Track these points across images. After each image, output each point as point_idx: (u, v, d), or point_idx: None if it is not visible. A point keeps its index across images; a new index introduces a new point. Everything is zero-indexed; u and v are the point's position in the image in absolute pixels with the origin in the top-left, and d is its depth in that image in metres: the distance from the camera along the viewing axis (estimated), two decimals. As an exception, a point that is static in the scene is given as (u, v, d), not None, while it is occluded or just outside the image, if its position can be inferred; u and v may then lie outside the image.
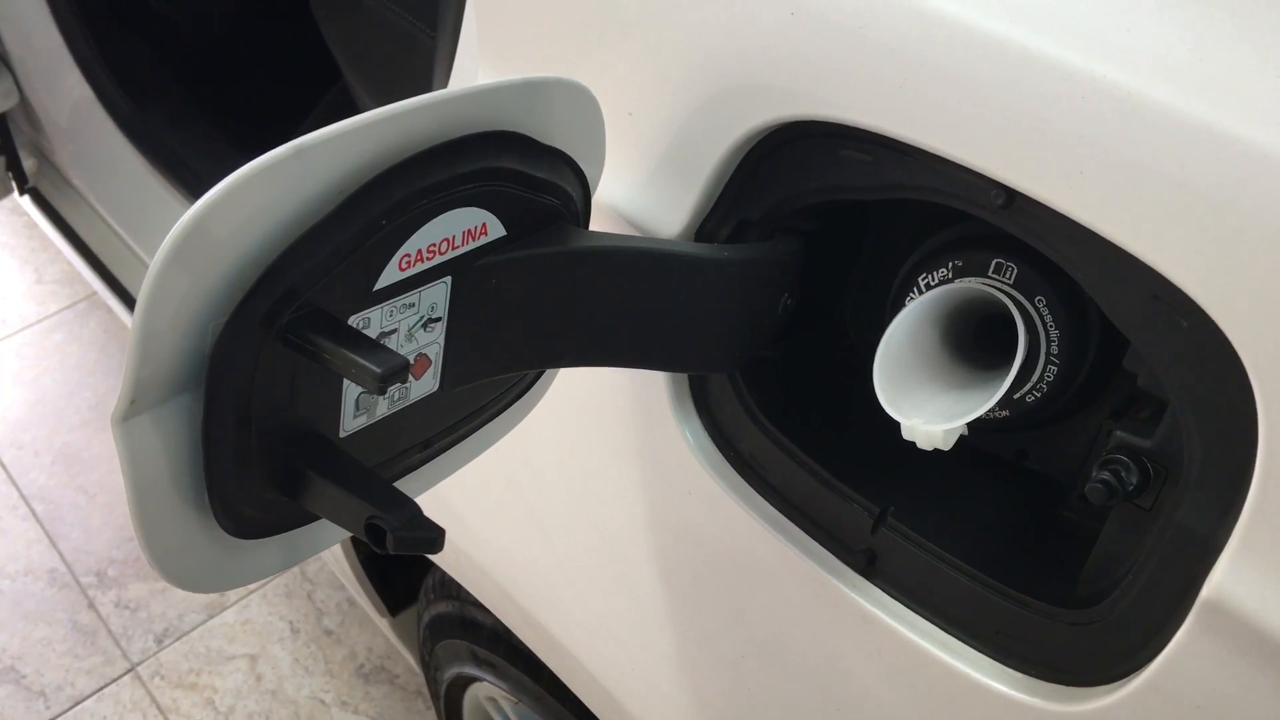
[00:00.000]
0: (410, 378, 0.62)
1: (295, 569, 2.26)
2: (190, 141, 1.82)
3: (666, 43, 0.70)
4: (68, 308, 2.76)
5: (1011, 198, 0.59)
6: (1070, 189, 0.55)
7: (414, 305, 0.60)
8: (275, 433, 0.56)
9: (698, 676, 0.86)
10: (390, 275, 0.57)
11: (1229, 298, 0.51)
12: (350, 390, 0.59)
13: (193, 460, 0.56)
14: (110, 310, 2.70)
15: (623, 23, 0.72)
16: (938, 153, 0.60)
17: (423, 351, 0.62)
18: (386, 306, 0.58)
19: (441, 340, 0.63)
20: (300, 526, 0.62)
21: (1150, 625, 0.59)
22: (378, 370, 0.52)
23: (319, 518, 0.62)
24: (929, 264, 0.71)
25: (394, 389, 0.62)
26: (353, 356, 0.52)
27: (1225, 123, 0.51)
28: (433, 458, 0.69)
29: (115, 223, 2.03)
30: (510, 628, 1.11)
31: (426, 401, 0.64)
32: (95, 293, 2.73)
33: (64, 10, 1.79)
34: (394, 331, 0.59)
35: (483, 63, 0.84)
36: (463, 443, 0.70)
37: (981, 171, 0.59)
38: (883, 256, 0.77)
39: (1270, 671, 0.53)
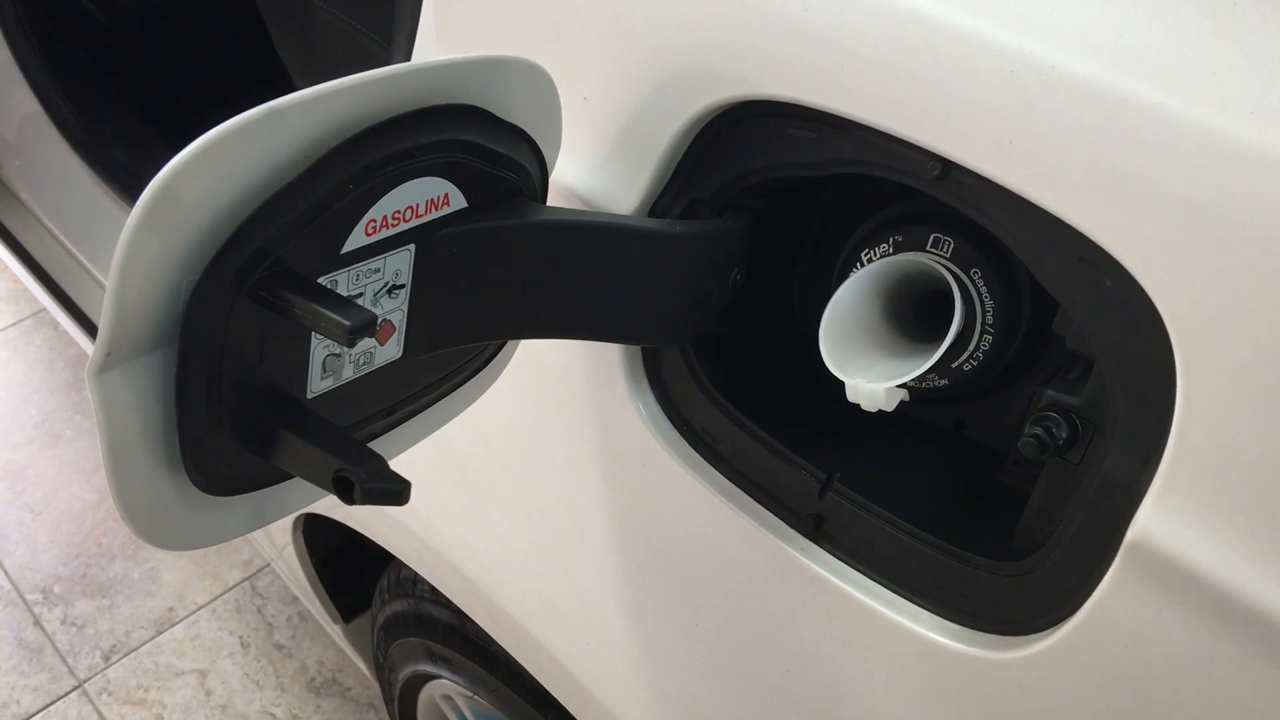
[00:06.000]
0: (375, 342, 0.64)
1: (245, 584, 2.25)
2: (139, 156, 1.83)
3: (620, 31, 0.73)
4: (13, 325, 2.73)
5: (947, 169, 0.63)
6: (1001, 158, 0.59)
7: (379, 271, 0.62)
8: (246, 390, 0.58)
9: (654, 646, 0.88)
10: (357, 239, 0.59)
11: (1149, 257, 0.55)
12: (317, 352, 0.61)
13: (165, 416, 0.57)
14: (56, 327, 2.68)
15: (579, 19, 0.75)
16: (877, 127, 0.64)
17: (387, 318, 0.64)
18: (353, 270, 0.60)
19: (405, 307, 0.65)
20: (270, 486, 0.64)
21: (1081, 571, 0.62)
22: (347, 323, 0.54)
23: (288, 478, 0.64)
24: (871, 240, 0.74)
25: (359, 354, 0.64)
26: (322, 310, 0.54)
27: (1141, 93, 0.55)
28: (396, 425, 0.71)
29: (64, 237, 2.03)
30: (468, 613, 1.12)
31: (390, 368, 0.66)
32: (41, 310, 2.71)
33: (12, 25, 1.79)
34: (359, 296, 0.62)
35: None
36: (425, 412, 0.72)
37: (918, 144, 0.62)
38: (828, 235, 0.81)
39: (1191, 606, 0.56)
